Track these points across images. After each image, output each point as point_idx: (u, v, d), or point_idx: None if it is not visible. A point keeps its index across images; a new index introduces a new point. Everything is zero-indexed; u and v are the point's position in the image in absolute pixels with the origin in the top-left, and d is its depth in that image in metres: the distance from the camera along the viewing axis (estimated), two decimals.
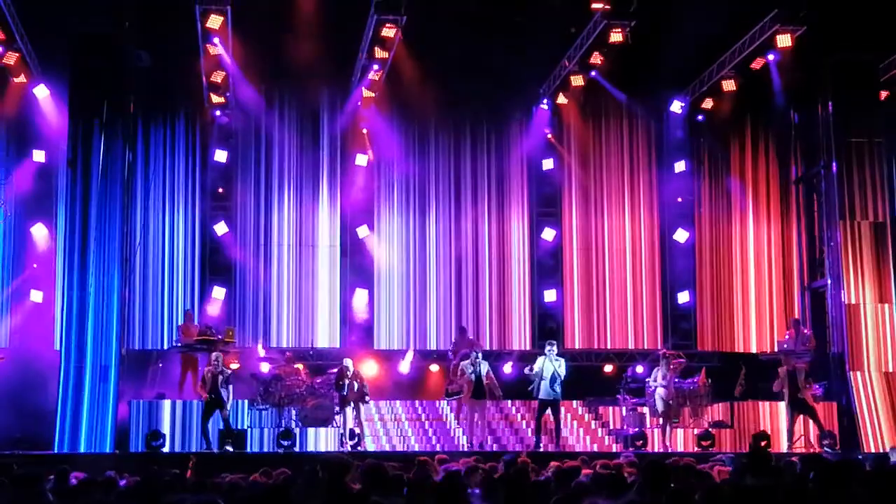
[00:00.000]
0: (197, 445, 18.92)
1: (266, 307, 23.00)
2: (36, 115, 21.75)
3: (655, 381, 19.59)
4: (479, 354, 19.08)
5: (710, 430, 19.69)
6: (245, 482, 9.04)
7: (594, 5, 20.28)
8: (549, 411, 18.93)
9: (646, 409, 20.33)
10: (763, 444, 18.41)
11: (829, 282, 22.84)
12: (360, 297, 23.13)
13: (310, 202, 23.50)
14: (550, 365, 18.68)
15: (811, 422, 19.60)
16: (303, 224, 23.45)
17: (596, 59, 21.54)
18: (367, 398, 18.94)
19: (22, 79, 21.25)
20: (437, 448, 18.82)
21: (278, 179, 23.45)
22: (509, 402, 20.71)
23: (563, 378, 18.74)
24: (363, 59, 21.61)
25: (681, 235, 23.99)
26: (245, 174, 23.35)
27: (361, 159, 23.41)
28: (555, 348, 19.06)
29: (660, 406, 19.41)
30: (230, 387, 18.57)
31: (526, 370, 19.10)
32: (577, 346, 23.74)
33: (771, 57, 21.37)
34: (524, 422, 20.55)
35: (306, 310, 23.14)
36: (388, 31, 20.22)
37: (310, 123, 23.57)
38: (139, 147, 22.59)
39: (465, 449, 18.25)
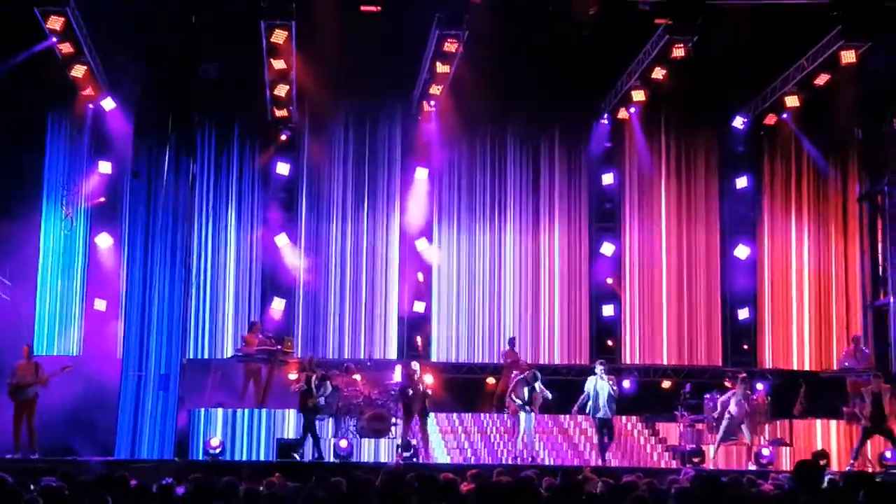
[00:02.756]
0: (266, 454, 19.03)
1: (324, 318, 23.18)
2: (103, 126, 22.13)
3: (729, 402, 19.35)
4: (538, 376, 19.17)
5: (768, 447, 19.50)
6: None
7: (658, 20, 20.25)
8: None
9: (703, 426, 20.23)
10: (822, 462, 18.30)
11: (892, 300, 22.56)
12: (417, 310, 23.24)
13: (370, 214, 23.65)
14: (603, 383, 18.71)
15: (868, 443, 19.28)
16: (363, 236, 23.60)
17: (657, 73, 21.47)
18: (427, 410, 19.01)
19: (90, 91, 21.60)
20: (498, 461, 18.86)
21: (340, 192, 23.64)
22: (563, 416, 20.73)
23: (616, 396, 18.77)
24: (425, 74, 21.74)
25: (742, 251, 23.80)
26: (307, 187, 23.59)
27: (422, 172, 23.55)
28: (605, 368, 19.04)
29: (725, 424, 19.18)
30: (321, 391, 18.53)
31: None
32: (634, 362, 23.61)
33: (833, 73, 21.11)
34: (581, 437, 20.56)
35: (365, 321, 23.29)
36: (450, 46, 20.30)
37: (371, 137, 23.73)
38: (203, 158, 22.90)
39: (520, 462, 18.23)
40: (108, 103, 21.79)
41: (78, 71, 20.79)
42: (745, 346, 23.73)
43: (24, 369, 18.34)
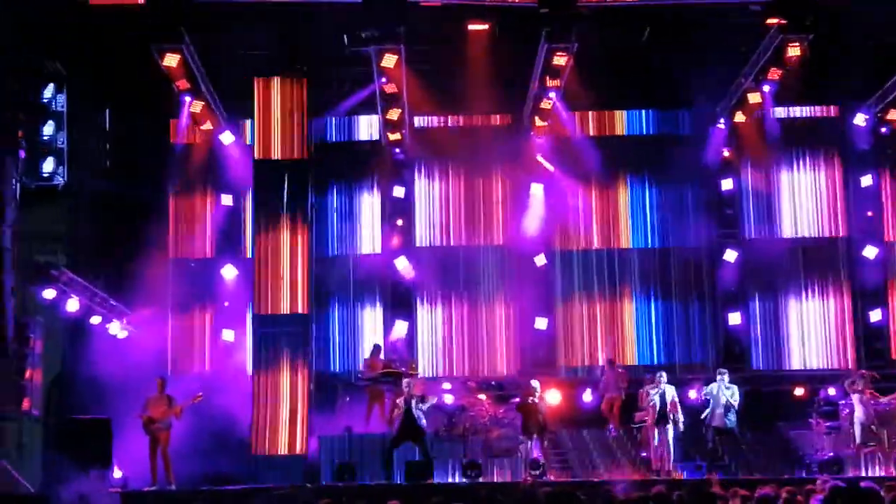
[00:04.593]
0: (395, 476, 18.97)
1: (447, 338, 23.25)
2: (223, 159, 22.62)
3: (853, 405, 18.81)
4: (664, 377, 18.78)
5: None
6: None
7: (769, 21, 19.90)
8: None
9: (840, 433, 19.64)
10: None
11: None
12: (539, 326, 23.13)
13: (487, 232, 23.70)
14: (722, 393, 18.23)
15: None
16: (481, 253, 23.64)
17: (773, 74, 21.04)
18: (545, 430, 18.76)
19: (208, 125, 22.09)
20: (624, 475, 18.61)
21: (455, 210, 23.73)
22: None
23: (736, 407, 18.21)
24: (535, 89, 21.68)
25: (870, 251, 23.16)
26: (423, 208, 23.74)
27: (537, 188, 23.46)
28: (726, 376, 18.53)
29: (857, 430, 18.65)
30: (423, 414, 18.26)
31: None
32: (764, 368, 23.13)
33: None
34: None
35: (487, 340, 23.29)
36: (560, 59, 20.22)
37: (484, 154, 23.73)
38: (320, 185, 23.26)
39: (651, 477, 17.94)
40: (227, 137, 22.24)
41: (196, 106, 21.26)
42: (879, 348, 23.10)
43: (156, 402, 18.56)
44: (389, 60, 19.98)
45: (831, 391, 21.09)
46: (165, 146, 22.96)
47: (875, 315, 23.14)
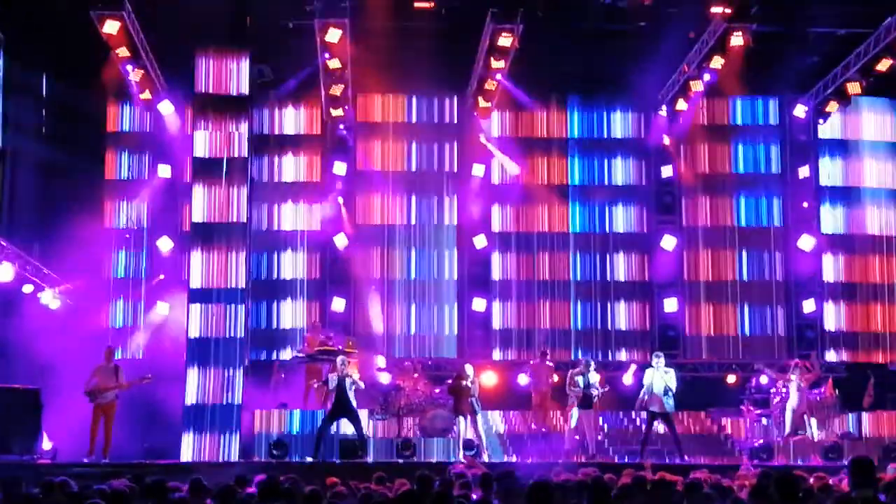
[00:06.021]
0: (328, 454, 18.89)
1: (385, 317, 23.19)
2: (161, 130, 22.35)
3: (788, 394, 19.04)
4: (592, 365, 18.85)
5: (837, 441, 19.14)
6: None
7: (713, 10, 19.99)
8: (661, 424, 18.58)
9: (770, 421, 19.90)
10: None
11: None
12: (477, 308, 23.14)
13: (428, 212, 23.65)
14: (660, 377, 18.21)
15: None
16: (422, 234, 23.59)
17: (716, 63, 21.17)
18: (477, 410, 18.76)
19: (147, 95, 21.78)
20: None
21: (398, 189, 23.65)
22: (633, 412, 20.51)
23: (674, 390, 18.22)
24: (480, 69, 21.65)
25: (806, 242, 23.39)
26: (365, 185, 23.61)
27: (479, 169, 23.44)
28: (662, 360, 18.53)
29: (789, 418, 18.88)
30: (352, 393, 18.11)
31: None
32: (698, 356, 23.36)
33: None
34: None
35: (424, 320, 23.28)
36: (505, 41, 20.19)
37: (427, 134, 23.70)
38: (263, 160, 23.07)
39: (583, 459, 18.04)
40: (166, 107, 21.94)
41: (136, 75, 20.94)
42: (810, 339, 23.39)
43: (104, 372, 18.17)
44: (334, 35, 19.82)
45: (763, 379, 21.39)
46: (103, 113, 22.63)
47: (808, 305, 23.40)
